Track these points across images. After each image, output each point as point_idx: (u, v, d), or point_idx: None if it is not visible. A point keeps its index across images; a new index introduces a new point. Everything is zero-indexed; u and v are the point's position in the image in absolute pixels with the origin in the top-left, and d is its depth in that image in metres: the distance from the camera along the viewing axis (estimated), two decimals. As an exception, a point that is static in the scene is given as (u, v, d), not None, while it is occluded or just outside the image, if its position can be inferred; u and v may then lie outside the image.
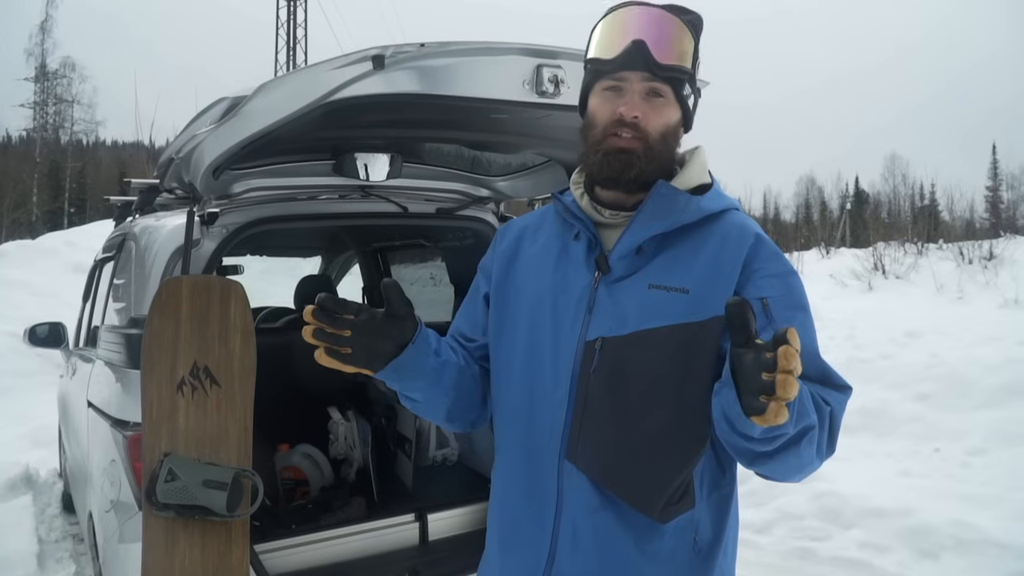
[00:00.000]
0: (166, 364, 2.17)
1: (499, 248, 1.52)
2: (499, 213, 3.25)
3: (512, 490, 1.40)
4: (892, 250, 15.51)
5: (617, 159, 1.29)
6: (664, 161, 1.33)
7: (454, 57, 1.84)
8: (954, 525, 3.71)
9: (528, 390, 1.36)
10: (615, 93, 1.31)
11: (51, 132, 34.41)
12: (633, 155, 1.29)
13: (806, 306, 1.29)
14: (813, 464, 1.20)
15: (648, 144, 1.29)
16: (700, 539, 1.31)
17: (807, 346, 1.19)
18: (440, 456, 3.42)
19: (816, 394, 1.20)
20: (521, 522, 1.38)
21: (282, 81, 1.94)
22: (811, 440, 1.14)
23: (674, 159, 1.37)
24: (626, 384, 1.26)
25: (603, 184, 1.36)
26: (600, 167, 1.32)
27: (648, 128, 1.29)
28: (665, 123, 1.31)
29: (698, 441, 1.26)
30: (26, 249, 12.27)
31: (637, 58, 1.27)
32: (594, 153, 1.32)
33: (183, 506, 2.06)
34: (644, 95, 1.29)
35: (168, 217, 2.72)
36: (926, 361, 6.37)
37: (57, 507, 4.74)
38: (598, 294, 1.32)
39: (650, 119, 1.29)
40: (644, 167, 1.29)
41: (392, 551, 2.62)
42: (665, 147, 1.32)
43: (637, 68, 1.28)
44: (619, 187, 1.33)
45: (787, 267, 1.31)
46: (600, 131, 1.32)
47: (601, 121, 1.32)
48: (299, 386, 3.38)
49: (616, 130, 1.29)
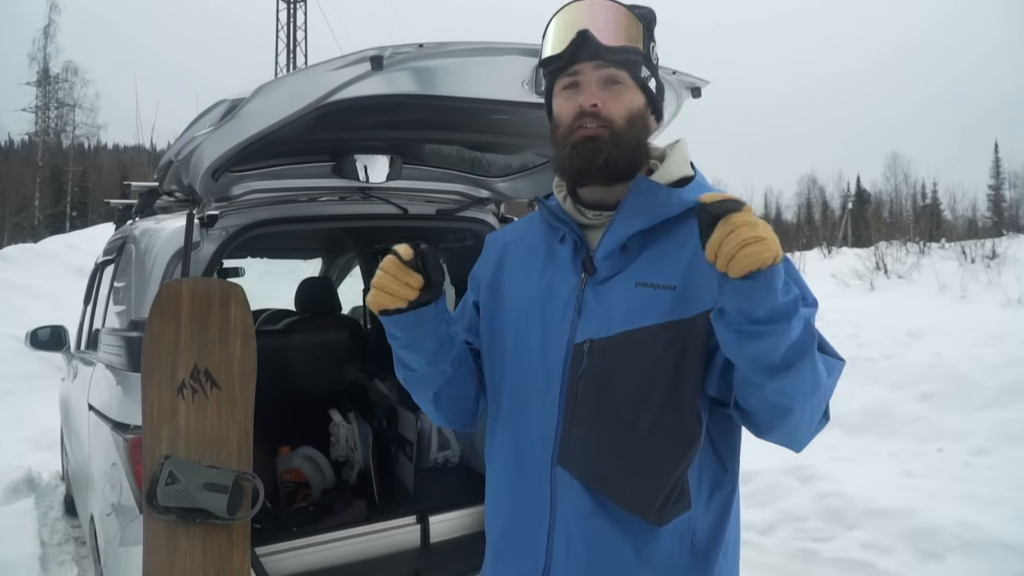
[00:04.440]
0: (166, 367, 2.17)
1: (487, 257, 1.53)
2: (499, 214, 3.24)
3: (505, 498, 1.39)
4: (894, 249, 15.49)
5: (584, 148, 1.29)
6: (633, 146, 1.31)
7: (453, 58, 1.84)
8: (958, 526, 3.69)
9: (518, 396, 1.36)
10: (574, 90, 1.31)
11: (53, 136, 34.44)
12: (599, 141, 1.28)
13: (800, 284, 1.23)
14: (817, 403, 1.19)
15: (613, 130, 1.29)
16: (698, 541, 1.29)
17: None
18: (441, 458, 3.42)
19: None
20: (514, 531, 1.37)
21: (280, 83, 1.93)
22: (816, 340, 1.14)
23: (644, 145, 1.36)
24: (615, 386, 1.26)
25: (576, 178, 1.35)
26: (570, 160, 1.31)
27: (610, 114, 1.29)
28: (627, 107, 1.30)
29: (691, 440, 1.25)
30: (28, 252, 12.28)
31: (585, 46, 1.28)
32: (562, 149, 1.32)
33: (184, 509, 2.05)
34: (601, 84, 1.29)
35: (168, 220, 2.72)
36: (929, 361, 6.36)
37: (59, 510, 4.74)
38: (585, 296, 1.31)
39: (611, 105, 1.29)
40: (612, 151, 1.28)
41: (393, 553, 2.61)
42: (632, 131, 1.31)
43: (587, 57, 1.28)
44: (592, 178, 1.32)
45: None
46: (566, 128, 1.32)
47: (565, 118, 1.32)
48: (300, 388, 3.37)
49: (580, 122, 1.29)
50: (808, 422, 1.21)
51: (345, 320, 4.44)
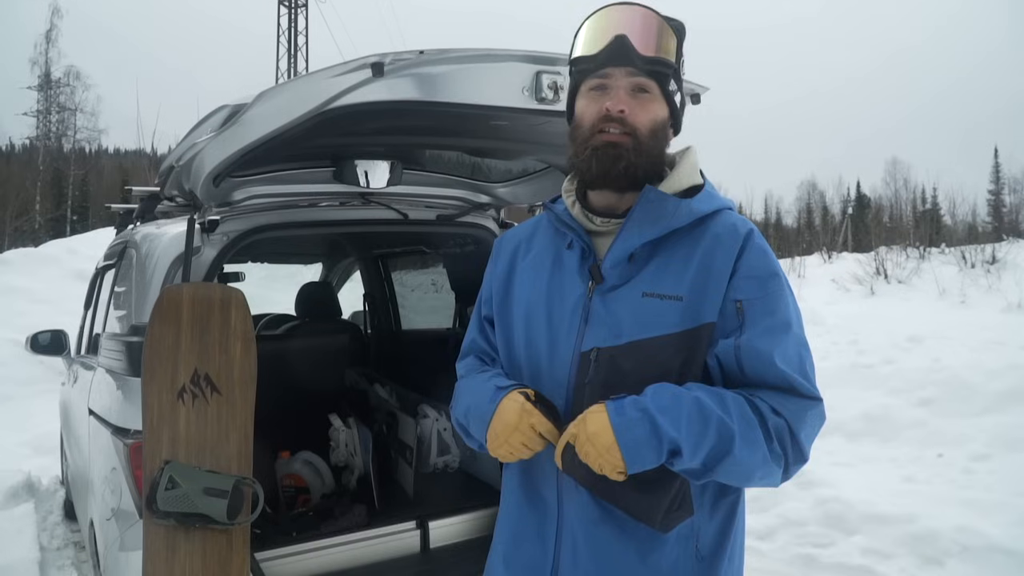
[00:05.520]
0: (167, 372, 2.17)
1: (496, 269, 1.52)
2: (500, 219, 3.25)
3: (515, 505, 1.40)
4: (894, 254, 15.51)
5: (606, 153, 1.29)
6: (653, 157, 1.32)
7: (453, 64, 1.84)
8: (958, 531, 3.69)
9: None
10: (601, 92, 1.31)
11: (54, 140, 34.45)
12: (622, 148, 1.28)
13: (779, 311, 1.27)
14: (768, 468, 1.21)
15: (637, 138, 1.29)
16: (703, 547, 1.30)
17: (772, 360, 1.21)
18: (441, 463, 3.41)
19: (764, 404, 1.21)
20: (524, 537, 1.37)
21: (282, 89, 1.94)
22: (744, 446, 1.17)
23: (663, 157, 1.36)
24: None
25: (593, 183, 1.35)
26: (589, 164, 1.31)
27: (635, 123, 1.29)
28: (652, 118, 1.30)
29: None
30: (29, 257, 12.26)
31: (620, 52, 1.27)
32: (583, 151, 1.32)
33: (184, 514, 2.05)
34: (630, 91, 1.29)
35: (169, 225, 2.72)
36: (929, 366, 6.36)
37: (59, 515, 4.74)
38: (593, 304, 1.31)
39: (637, 114, 1.29)
40: (633, 159, 1.29)
41: (393, 559, 2.61)
42: (654, 142, 1.31)
43: (620, 63, 1.28)
44: (609, 184, 1.32)
45: (770, 268, 1.29)
46: (588, 129, 1.31)
47: (588, 120, 1.32)
48: (300, 393, 3.38)
49: (603, 126, 1.29)
50: (768, 482, 1.24)
51: (345, 325, 4.44)
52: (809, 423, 1.24)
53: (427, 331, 4.48)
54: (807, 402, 1.24)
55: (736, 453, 1.16)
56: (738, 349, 1.24)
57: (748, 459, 1.18)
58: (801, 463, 1.24)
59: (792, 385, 1.23)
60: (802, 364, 1.26)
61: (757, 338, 1.23)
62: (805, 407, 1.24)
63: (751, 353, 1.23)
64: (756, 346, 1.23)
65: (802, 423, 1.22)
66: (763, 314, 1.25)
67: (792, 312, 1.28)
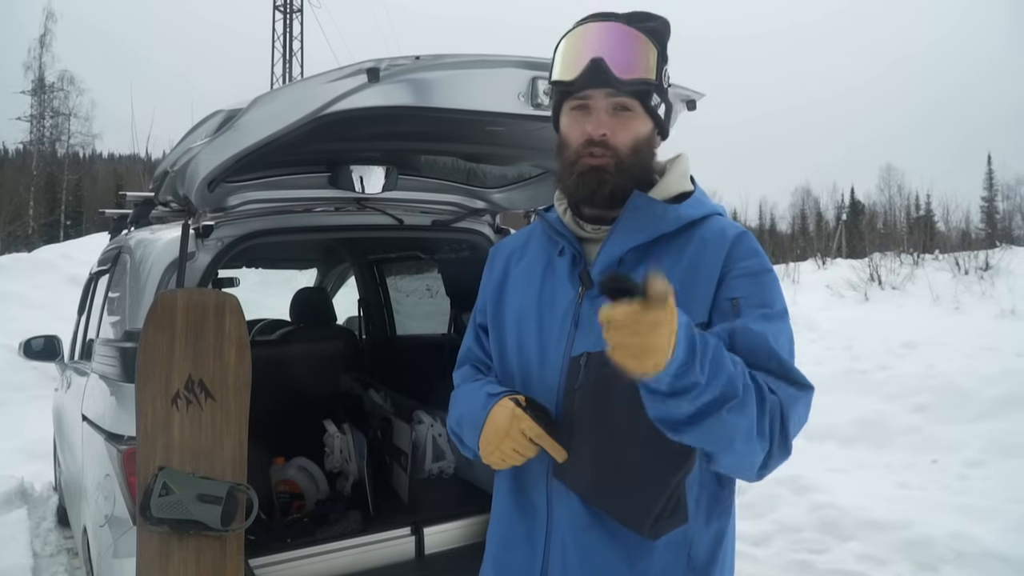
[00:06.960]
0: (161, 377, 2.16)
1: (491, 278, 1.53)
2: (495, 225, 3.25)
3: (505, 510, 1.40)
4: (888, 261, 15.52)
5: (590, 178, 1.30)
6: (638, 173, 1.33)
7: (449, 70, 1.85)
8: (953, 537, 3.69)
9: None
10: (582, 112, 1.32)
11: (48, 145, 34.34)
12: (605, 172, 1.29)
13: (774, 303, 1.28)
14: (752, 445, 1.16)
15: (619, 159, 1.30)
16: (695, 556, 1.29)
17: (767, 342, 1.21)
18: (436, 469, 3.41)
19: (761, 380, 1.19)
20: (513, 542, 1.37)
21: (277, 94, 1.93)
22: (736, 410, 1.11)
23: (650, 169, 1.37)
24: (611, 399, 1.25)
25: (581, 204, 1.38)
26: (576, 187, 1.33)
27: (617, 144, 1.30)
28: (634, 136, 1.31)
29: (684, 454, 1.24)
30: (22, 262, 12.22)
31: (597, 76, 1.26)
32: (569, 175, 1.34)
33: (177, 520, 2.04)
34: (611, 111, 1.30)
35: (163, 230, 2.72)
36: (923, 372, 6.37)
37: (52, 521, 4.72)
38: (582, 309, 1.32)
39: (618, 135, 1.30)
40: (617, 181, 1.30)
41: (388, 565, 2.60)
42: (637, 159, 1.32)
43: (599, 85, 1.28)
44: (596, 204, 1.35)
45: (762, 265, 1.31)
46: (572, 152, 1.33)
47: (572, 142, 1.33)
48: (294, 399, 3.37)
49: (587, 150, 1.30)
50: (747, 462, 1.20)
51: (340, 330, 4.44)
52: (798, 411, 1.23)
53: (422, 336, 4.48)
54: (800, 389, 1.24)
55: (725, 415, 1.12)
56: (734, 332, 1.24)
57: (737, 422, 1.13)
58: (784, 455, 1.22)
59: (786, 369, 1.24)
60: (793, 354, 1.27)
61: (754, 322, 1.24)
62: (797, 393, 1.24)
63: (747, 334, 1.23)
64: (752, 327, 1.23)
65: (793, 409, 1.22)
66: (759, 305, 1.27)
67: (785, 305, 1.30)
